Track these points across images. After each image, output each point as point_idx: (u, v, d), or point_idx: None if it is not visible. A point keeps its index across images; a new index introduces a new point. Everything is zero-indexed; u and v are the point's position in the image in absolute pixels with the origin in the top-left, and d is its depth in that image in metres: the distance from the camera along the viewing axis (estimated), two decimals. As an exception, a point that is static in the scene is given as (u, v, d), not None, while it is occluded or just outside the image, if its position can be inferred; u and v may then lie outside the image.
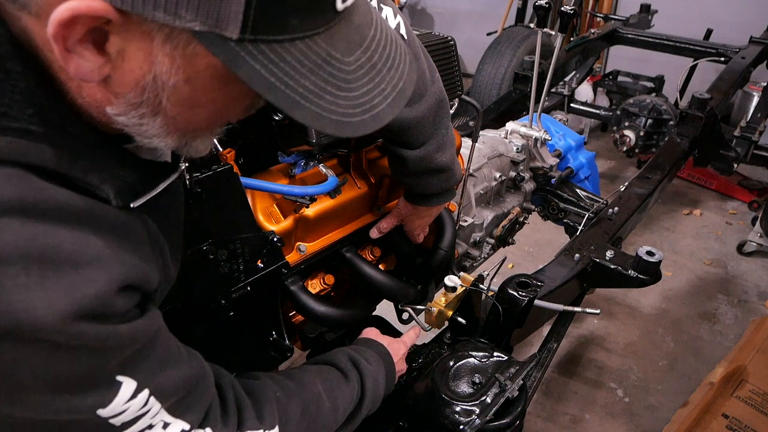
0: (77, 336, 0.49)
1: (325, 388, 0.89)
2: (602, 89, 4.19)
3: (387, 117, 0.56)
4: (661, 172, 2.23)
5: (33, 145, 0.49)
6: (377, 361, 1.04)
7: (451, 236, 1.38)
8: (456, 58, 1.38)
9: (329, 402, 0.88)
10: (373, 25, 0.57)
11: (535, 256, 3.18)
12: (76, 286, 0.49)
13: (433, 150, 1.10)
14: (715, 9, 4.52)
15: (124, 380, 0.55)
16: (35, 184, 0.48)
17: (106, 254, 0.52)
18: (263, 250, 1.03)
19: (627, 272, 1.55)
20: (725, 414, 1.98)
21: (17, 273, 0.46)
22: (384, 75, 0.56)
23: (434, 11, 6.21)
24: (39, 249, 0.47)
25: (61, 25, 0.44)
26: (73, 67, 0.47)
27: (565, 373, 2.47)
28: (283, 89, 0.48)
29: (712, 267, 3.23)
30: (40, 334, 0.47)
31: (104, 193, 0.54)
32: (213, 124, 0.60)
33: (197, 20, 0.44)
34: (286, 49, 0.48)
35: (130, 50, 0.47)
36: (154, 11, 0.43)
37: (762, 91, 3.29)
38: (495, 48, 3.30)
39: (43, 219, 0.48)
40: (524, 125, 2.00)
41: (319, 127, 0.51)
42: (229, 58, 0.46)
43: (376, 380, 1.00)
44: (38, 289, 0.47)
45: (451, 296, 1.30)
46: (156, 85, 0.50)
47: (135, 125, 0.53)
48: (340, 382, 0.93)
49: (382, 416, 1.21)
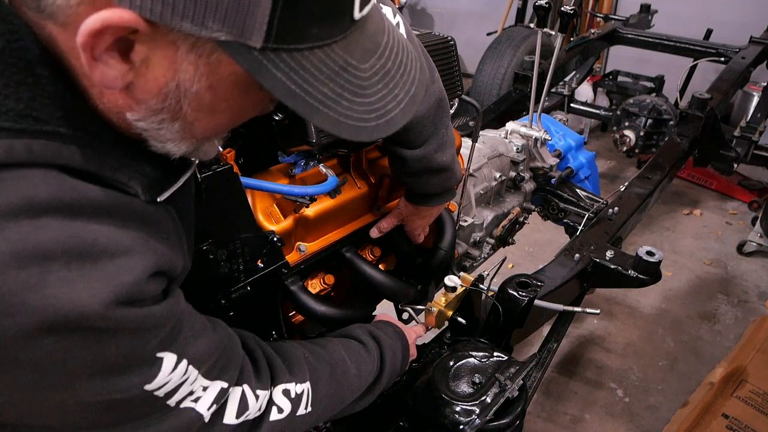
0: (120, 320, 0.52)
1: (348, 354, 0.94)
2: (602, 89, 4.19)
3: (401, 121, 0.59)
4: (661, 172, 2.23)
5: (64, 147, 0.51)
6: (395, 336, 1.09)
7: (451, 236, 1.39)
8: (456, 58, 1.38)
9: (354, 368, 0.93)
10: (385, 32, 0.59)
11: (535, 256, 3.18)
12: (114, 275, 0.52)
13: (432, 150, 1.10)
14: (715, 9, 4.52)
15: (165, 355, 0.59)
16: (69, 183, 0.51)
17: (138, 244, 0.55)
18: (263, 250, 1.03)
19: (627, 272, 1.55)
20: (725, 414, 1.98)
21: (59, 268, 0.48)
22: (397, 81, 0.58)
23: (434, 11, 6.21)
24: (77, 244, 0.50)
25: (91, 34, 0.46)
26: (98, 74, 0.49)
27: (565, 373, 2.47)
28: (303, 96, 0.51)
29: (712, 267, 3.23)
30: (87, 322, 0.50)
31: (132, 190, 0.57)
32: (226, 129, 0.63)
33: (223, 30, 0.46)
34: (305, 57, 0.50)
35: (154, 59, 0.49)
36: (182, 22, 0.45)
37: (762, 91, 3.29)
38: (495, 48, 3.30)
39: (78, 216, 0.50)
40: (524, 125, 2.00)
41: (337, 132, 0.54)
42: (252, 67, 0.48)
43: (394, 353, 1.05)
44: (80, 281, 0.49)
45: (451, 296, 1.30)
46: (178, 92, 0.52)
47: (153, 129, 0.56)
48: (362, 351, 0.98)
49: (382, 416, 1.21)
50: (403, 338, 1.12)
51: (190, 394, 0.63)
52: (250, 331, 1.09)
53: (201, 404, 0.65)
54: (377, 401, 1.23)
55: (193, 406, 0.64)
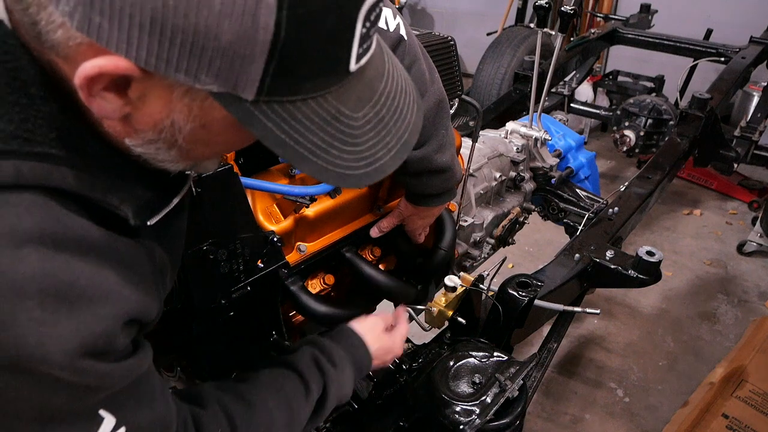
0: (79, 372, 0.51)
1: (278, 403, 0.86)
2: (602, 89, 4.19)
3: (389, 168, 0.58)
4: (661, 172, 2.23)
5: (55, 168, 0.51)
6: (343, 359, 0.99)
7: (451, 236, 1.38)
8: (456, 58, 1.38)
9: (283, 418, 0.86)
10: (384, 77, 0.59)
11: (535, 256, 3.18)
12: (85, 323, 0.51)
13: (432, 151, 1.10)
14: (715, 9, 4.51)
15: (106, 416, 0.57)
16: (55, 213, 0.50)
17: (116, 289, 0.54)
18: (263, 250, 1.03)
19: (627, 272, 1.55)
20: (725, 414, 1.98)
21: (33, 307, 0.48)
22: (390, 128, 0.58)
23: (434, 11, 6.21)
24: (55, 284, 0.49)
25: (88, 78, 0.47)
26: (96, 107, 0.50)
27: (565, 373, 2.47)
28: (293, 145, 0.51)
29: (712, 267, 3.23)
30: (46, 368, 0.49)
31: (123, 213, 0.56)
32: (223, 153, 0.64)
33: (215, 84, 0.47)
34: (298, 108, 0.51)
35: (150, 97, 0.50)
36: (175, 73, 0.46)
37: (762, 91, 3.29)
38: (495, 48, 3.30)
39: (61, 250, 0.50)
40: (524, 125, 2.00)
41: (324, 179, 0.55)
42: (243, 117, 0.49)
43: (340, 384, 0.97)
44: (51, 325, 0.49)
45: (451, 296, 1.30)
46: (173, 128, 0.53)
47: (151, 154, 0.56)
48: (298, 393, 0.90)
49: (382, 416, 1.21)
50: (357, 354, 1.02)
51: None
52: (251, 331, 1.10)
53: None
54: (377, 401, 1.23)
55: None
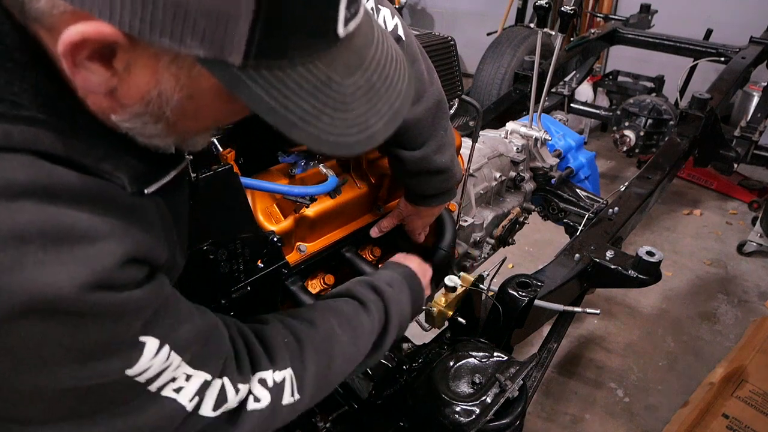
0: (96, 304, 0.51)
1: (339, 321, 0.88)
2: (602, 89, 4.19)
3: (382, 136, 0.58)
4: (661, 172, 2.23)
5: (44, 133, 0.50)
6: (400, 284, 1.02)
7: (451, 236, 1.38)
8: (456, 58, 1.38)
9: (347, 335, 0.87)
10: (374, 44, 0.58)
11: (535, 256, 3.18)
12: (90, 259, 0.51)
13: (432, 151, 1.10)
14: (715, 9, 4.51)
15: (147, 340, 0.57)
16: (47, 169, 0.50)
17: (117, 231, 0.54)
18: (263, 250, 1.03)
19: (627, 272, 1.55)
20: (725, 414, 1.98)
21: (35, 250, 0.48)
22: (381, 95, 0.58)
23: (434, 11, 6.21)
24: (54, 228, 0.49)
25: (71, 45, 0.46)
26: (80, 80, 0.50)
27: (565, 373, 2.47)
28: (283, 112, 0.51)
29: (712, 267, 3.23)
30: (63, 305, 0.49)
31: (119, 180, 0.56)
32: (211, 128, 0.62)
33: (201, 48, 0.46)
34: (286, 73, 0.50)
35: (136, 67, 0.49)
36: (160, 38, 0.45)
37: (762, 91, 3.29)
38: (495, 48, 3.30)
39: (56, 200, 0.50)
40: (524, 125, 2.00)
41: (316, 147, 0.54)
42: (231, 83, 0.49)
43: (400, 303, 0.99)
44: (56, 264, 0.48)
45: (451, 296, 1.30)
46: (160, 100, 0.52)
47: (138, 128, 0.56)
48: (358, 312, 0.92)
49: (382, 416, 1.21)
50: (413, 281, 1.06)
51: (172, 381, 0.61)
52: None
53: (183, 395, 0.63)
54: (377, 401, 1.23)
55: (175, 397, 0.62)
